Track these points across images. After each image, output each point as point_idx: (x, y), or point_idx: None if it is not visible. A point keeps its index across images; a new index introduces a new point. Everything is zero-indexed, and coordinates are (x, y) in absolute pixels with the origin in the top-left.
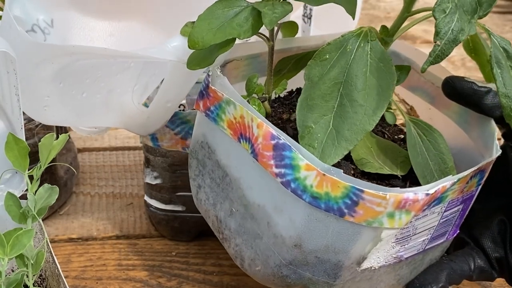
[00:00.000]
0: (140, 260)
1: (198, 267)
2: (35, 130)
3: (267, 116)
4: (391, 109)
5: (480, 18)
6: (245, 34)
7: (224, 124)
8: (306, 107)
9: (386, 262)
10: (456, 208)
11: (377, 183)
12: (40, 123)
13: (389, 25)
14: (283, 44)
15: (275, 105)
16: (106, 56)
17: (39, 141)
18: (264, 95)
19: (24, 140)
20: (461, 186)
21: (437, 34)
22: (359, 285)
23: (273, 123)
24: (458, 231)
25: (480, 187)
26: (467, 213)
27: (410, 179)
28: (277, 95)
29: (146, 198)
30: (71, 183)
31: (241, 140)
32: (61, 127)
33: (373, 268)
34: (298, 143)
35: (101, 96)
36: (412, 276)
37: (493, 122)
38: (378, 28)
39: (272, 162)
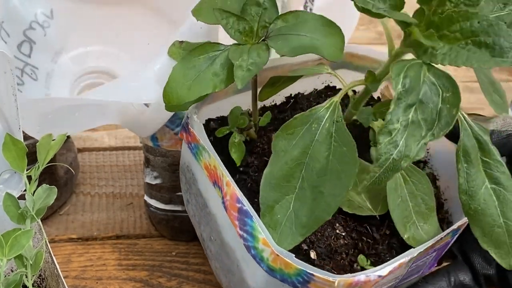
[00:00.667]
0: (140, 260)
1: (198, 267)
2: None
3: (254, 143)
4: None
5: (433, 138)
6: (220, 86)
7: (202, 164)
8: (269, 185)
9: None
10: (427, 257)
11: (354, 222)
12: None
13: (388, 24)
14: (273, 62)
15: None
16: (86, 102)
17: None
18: (249, 123)
19: (22, 140)
20: (428, 249)
21: (376, 160)
22: None
23: (260, 148)
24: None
25: (457, 235)
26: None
27: (389, 219)
28: (273, 103)
29: (146, 198)
30: (71, 183)
31: (215, 186)
32: None
33: None
34: None
35: (95, 107)
36: None
37: None
38: (379, 27)
39: (237, 222)
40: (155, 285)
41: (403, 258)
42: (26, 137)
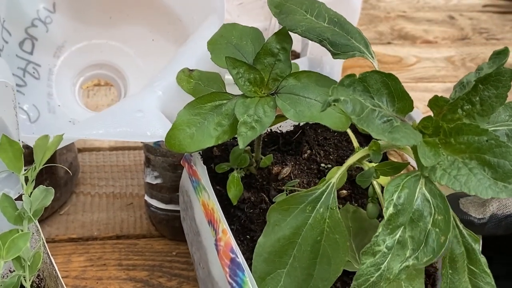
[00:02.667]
0: (141, 260)
1: None
2: None
3: (253, 177)
4: (375, 200)
5: (416, 263)
6: (223, 137)
7: (200, 200)
8: (262, 258)
9: None
10: None
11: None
12: None
13: (388, 24)
14: None
15: (271, 152)
16: (91, 137)
17: None
18: (251, 160)
19: (19, 141)
20: None
21: (355, 279)
22: None
23: (259, 183)
24: None
25: None
26: None
27: None
28: (280, 130)
29: (146, 198)
30: (71, 183)
31: (210, 225)
32: None
33: None
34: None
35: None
36: None
37: None
38: (379, 27)
39: (228, 270)
40: (155, 285)
41: None
42: None
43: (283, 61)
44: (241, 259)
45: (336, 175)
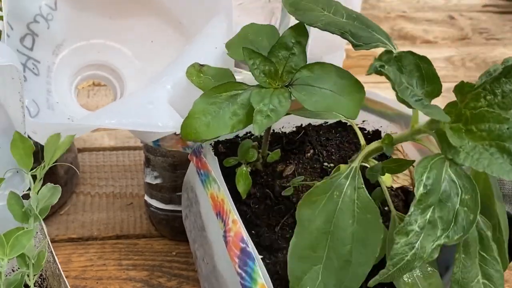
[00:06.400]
0: (140, 260)
1: None
2: None
3: (259, 173)
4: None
5: (445, 244)
6: (238, 126)
7: (208, 193)
8: (296, 257)
9: None
10: None
11: None
12: None
13: (388, 24)
14: None
15: (275, 147)
16: (100, 125)
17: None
18: (258, 156)
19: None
20: None
21: (390, 258)
22: None
23: (264, 180)
24: None
25: None
26: None
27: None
28: (283, 131)
29: (146, 198)
30: (71, 183)
31: (218, 217)
32: None
33: None
34: (278, 202)
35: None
36: None
37: None
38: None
39: (237, 260)
40: (155, 285)
41: None
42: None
43: (297, 54)
44: (251, 248)
45: (357, 160)
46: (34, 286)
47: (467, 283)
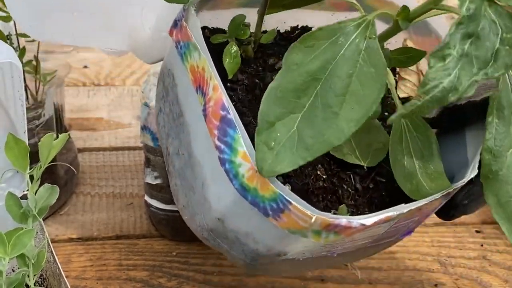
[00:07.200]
0: (141, 260)
1: (198, 267)
2: (36, 130)
3: (249, 61)
4: None
5: (485, 78)
6: None
7: (188, 66)
8: (273, 98)
9: (312, 255)
10: (410, 220)
11: (337, 168)
12: (41, 123)
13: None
14: None
15: (268, 44)
16: None
17: (39, 141)
18: (250, 38)
19: (27, 142)
20: (415, 210)
21: (422, 85)
22: (279, 266)
23: (254, 69)
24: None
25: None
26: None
27: (378, 170)
28: (277, 29)
29: (146, 198)
30: (71, 183)
31: (198, 91)
32: (61, 127)
33: (296, 259)
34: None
35: (98, 18)
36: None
37: None
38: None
39: (216, 132)
40: (155, 285)
41: (391, 212)
42: (27, 137)
43: None
44: (233, 114)
45: (373, 13)
46: (35, 285)
47: (501, 152)
